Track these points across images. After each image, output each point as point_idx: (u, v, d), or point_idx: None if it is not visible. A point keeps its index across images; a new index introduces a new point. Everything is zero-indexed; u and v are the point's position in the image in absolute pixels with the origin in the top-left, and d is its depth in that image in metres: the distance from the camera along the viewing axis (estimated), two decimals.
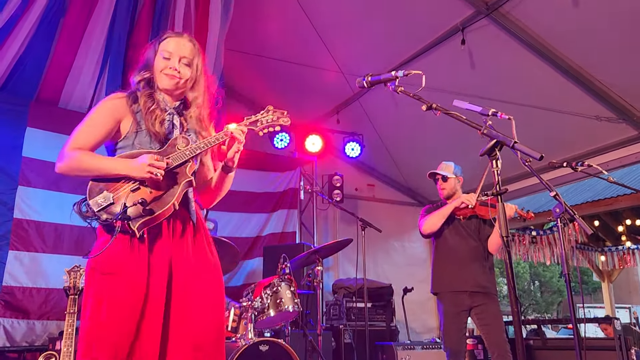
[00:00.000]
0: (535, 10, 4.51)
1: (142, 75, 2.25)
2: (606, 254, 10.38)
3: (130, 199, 1.98)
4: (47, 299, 4.71)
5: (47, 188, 4.84)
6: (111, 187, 2.03)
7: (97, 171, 2.05)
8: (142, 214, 1.97)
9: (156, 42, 2.29)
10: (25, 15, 4.56)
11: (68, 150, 2.07)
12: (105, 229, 2.01)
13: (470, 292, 3.85)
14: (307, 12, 5.34)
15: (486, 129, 1.97)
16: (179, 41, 2.27)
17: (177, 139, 2.16)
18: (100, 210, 1.97)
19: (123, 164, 2.04)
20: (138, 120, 2.15)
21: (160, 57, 2.22)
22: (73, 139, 2.11)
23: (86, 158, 2.07)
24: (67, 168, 2.07)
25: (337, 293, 6.30)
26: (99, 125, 2.15)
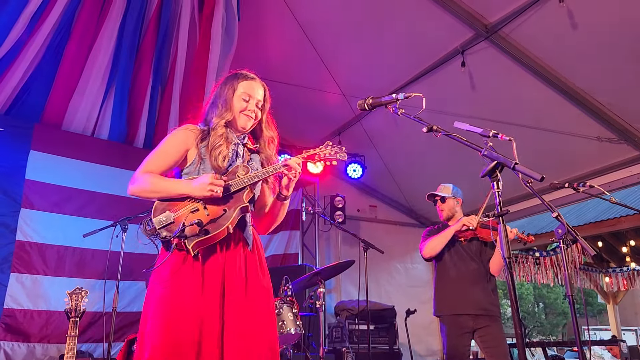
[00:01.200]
0: (534, 33, 4.57)
1: (223, 116, 2.37)
2: (611, 275, 10.30)
3: (188, 220, 2.12)
4: (48, 322, 4.68)
5: (49, 210, 4.85)
6: (173, 207, 2.19)
7: (164, 192, 2.21)
8: (197, 234, 2.10)
9: (232, 81, 2.45)
10: (31, 40, 4.63)
11: (140, 173, 2.24)
12: (165, 245, 2.18)
13: (473, 315, 3.82)
14: (309, 36, 5.41)
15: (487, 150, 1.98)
16: (255, 85, 2.48)
17: (238, 167, 2.32)
18: (161, 228, 2.13)
19: (185, 185, 2.21)
20: (202, 155, 2.30)
21: (240, 98, 2.40)
22: (146, 164, 2.28)
23: (155, 180, 2.23)
24: (138, 189, 2.22)
25: (339, 315, 6.25)
26: (169, 153, 2.32)
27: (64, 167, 4.96)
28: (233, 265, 2.20)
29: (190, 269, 2.12)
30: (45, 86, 5.03)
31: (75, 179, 5.01)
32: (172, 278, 2.11)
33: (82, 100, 5.16)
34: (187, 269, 2.13)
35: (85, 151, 5.13)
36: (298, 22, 5.29)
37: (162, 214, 2.16)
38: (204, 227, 2.12)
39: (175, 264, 2.13)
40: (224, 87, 2.45)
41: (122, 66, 5.19)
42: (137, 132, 5.58)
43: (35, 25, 4.56)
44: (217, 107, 2.40)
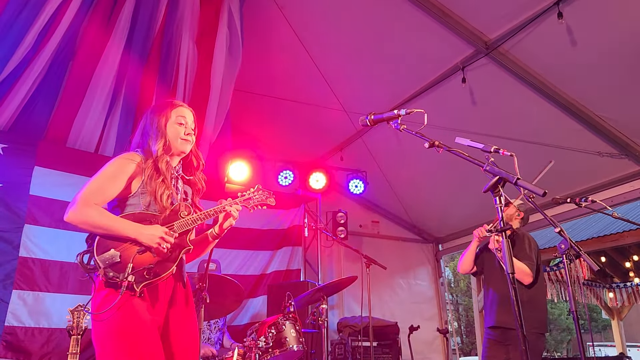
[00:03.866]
0: (534, 49, 4.61)
1: (160, 143, 2.40)
2: (614, 291, 10.23)
3: (136, 261, 2.16)
4: (49, 339, 4.64)
5: (53, 226, 4.85)
6: (118, 246, 2.19)
7: (107, 230, 2.19)
8: (146, 277, 2.17)
9: (165, 109, 2.49)
10: (36, 57, 4.68)
11: (81, 204, 2.19)
12: (106, 284, 2.14)
13: (503, 329, 3.85)
14: (311, 53, 5.47)
15: (489, 165, 2.00)
16: (187, 110, 2.53)
17: (181, 207, 2.38)
18: (106, 267, 2.12)
19: (134, 229, 2.21)
20: (146, 188, 2.32)
21: (175, 123, 2.45)
22: (87, 193, 2.23)
23: (98, 216, 2.20)
24: (77, 220, 2.19)
25: (342, 332, 6.21)
26: (113, 183, 2.30)
27: (69, 183, 4.97)
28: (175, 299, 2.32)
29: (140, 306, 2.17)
30: (49, 103, 5.07)
31: None
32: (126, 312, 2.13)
33: (87, 117, 5.19)
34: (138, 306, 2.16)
35: (89, 167, 5.06)
36: (300, 40, 5.36)
37: (106, 251, 2.16)
38: (152, 270, 2.19)
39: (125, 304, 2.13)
40: (155, 116, 2.48)
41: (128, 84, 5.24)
42: None
43: (41, 43, 4.61)
44: (152, 135, 2.43)
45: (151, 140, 2.41)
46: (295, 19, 5.25)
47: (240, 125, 6.68)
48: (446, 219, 7.45)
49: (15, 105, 4.86)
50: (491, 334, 3.99)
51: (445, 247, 8.05)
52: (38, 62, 4.73)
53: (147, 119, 2.51)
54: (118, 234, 2.20)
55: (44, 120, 5.13)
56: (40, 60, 4.73)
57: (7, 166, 4.77)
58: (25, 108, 4.95)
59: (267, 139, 7.10)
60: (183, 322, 2.33)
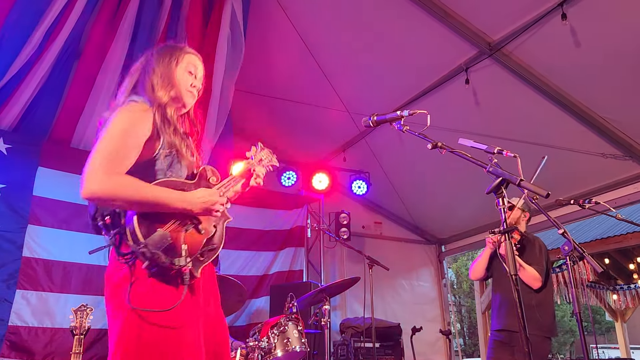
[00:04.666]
0: (537, 51, 4.60)
1: (169, 91, 2.01)
2: (618, 293, 10.20)
3: (188, 241, 1.79)
4: (52, 339, 4.65)
5: (56, 227, 4.87)
6: (164, 225, 1.77)
7: (150, 203, 1.75)
8: (201, 260, 1.83)
9: (175, 52, 2.10)
10: (41, 58, 4.70)
11: (104, 172, 1.73)
12: (153, 272, 1.74)
13: (509, 332, 3.86)
14: (314, 54, 5.47)
15: (492, 166, 1.99)
16: (198, 60, 2.16)
17: (207, 171, 2.05)
18: (159, 253, 1.70)
19: (182, 198, 1.81)
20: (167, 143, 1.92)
21: (185, 71, 2.08)
22: (106, 159, 1.76)
23: (133, 185, 1.74)
24: (106, 194, 1.72)
25: (344, 332, 6.21)
26: (133, 143, 1.84)
27: (72, 183, 4.97)
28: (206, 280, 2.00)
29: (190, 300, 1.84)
30: (53, 103, 5.08)
31: None
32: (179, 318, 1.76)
33: (91, 117, 5.21)
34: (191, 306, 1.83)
35: None
36: (303, 41, 5.36)
37: (152, 232, 1.73)
38: (206, 250, 1.87)
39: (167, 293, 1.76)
40: (164, 57, 2.07)
41: None
42: None
43: (46, 44, 4.63)
44: (158, 79, 2.01)
45: (157, 85, 1.99)
46: (299, 20, 5.26)
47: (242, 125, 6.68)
48: (449, 220, 7.44)
49: (20, 105, 4.87)
50: (498, 336, 4.00)
51: (448, 249, 8.05)
52: (43, 63, 4.74)
53: (152, 60, 2.07)
54: (167, 206, 1.77)
55: (48, 120, 5.14)
56: (45, 61, 4.74)
57: (10, 167, 4.78)
58: (29, 108, 4.97)
59: (270, 139, 7.06)
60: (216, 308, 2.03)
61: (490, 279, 4.32)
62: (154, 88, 1.99)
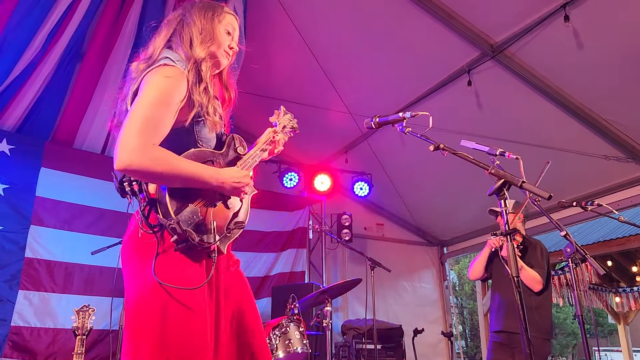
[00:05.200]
0: (540, 53, 4.60)
1: (208, 47, 1.92)
2: (621, 295, 10.17)
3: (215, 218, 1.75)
4: (54, 340, 4.67)
5: (59, 227, 4.88)
6: (194, 200, 1.73)
7: (185, 180, 1.69)
8: (228, 236, 1.79)
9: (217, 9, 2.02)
10: (44, 59, 4.71)
11: (141, 144, 1.61)
12: (184, 247, 1.68)
13: (508, 333, 3.86)
14: (316, 55, 5.47)
15: (494, 168, 1.99)
16: (236, 21, 2.08)
17: (235, 140, 1.98)
18: (190, 229, 1.65)
19: (217, 176, 1.76)
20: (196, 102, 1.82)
21: (224, 30, 2.00)
22: (144, 131, 1.63)
23: (173, 161, 1.67)
24: (142, 167, 1.60)
25: (346, 334, 6.21)
26: (167, 112, 1.72)
27: (75, 184, 5.00)
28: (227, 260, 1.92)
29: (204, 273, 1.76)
30: (56, 104, 5.10)
31: (85, 196, 5.05)
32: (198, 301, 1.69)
33: (94, 119, 5.23)
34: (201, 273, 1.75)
35: (95, 169, 5.16)
36: (305, 42, 5.36)
37: (184, 208, 1.67)
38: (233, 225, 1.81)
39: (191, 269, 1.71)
40: (205, 11, 1.98)
41: None
42: None
43: (49, 45, 4.64)
44: (195, 35, 1.92)
45: (196, 38, 1.90)
46: (301, 21, 5.26)
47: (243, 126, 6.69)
48: (451, 222, 7.44)
49: (23, 107, 4.90)
50: (497, 337, 4.01)
51: (450, 250, 8.04)
52: (46, 65, 4.76)
53: (193, 12, 1.98)
54: (198, 181, 1.71)
55: (51, 121, 5.16)
56: (49, 63, 4.76)
57: (14, 167, 4.81)
58: (32, 110, 4.99)
59: None
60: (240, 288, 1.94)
61: (490, 279, 4.33)
62: (193, 42, 1.90)
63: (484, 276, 4.28)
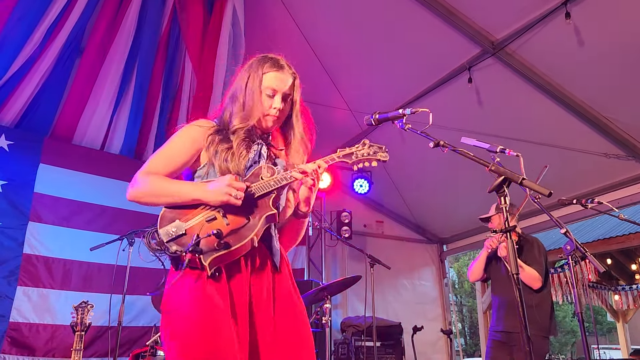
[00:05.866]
0: (541, 50, 4.58)
1: (244, 122, 1.98)
2: (620, 293, 10.18)
3: (204, 230, 1.75)
4: (53, 336, 4.67)
5: (57, 224, 4.87)
6: (184, 216, 1.80)
7: (170, 197, 1.83)
8: (215, 248, 1.72)
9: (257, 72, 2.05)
10: (43, 55, 4.70)
11: (141, 174, 1.86)
12: (174, 263, 1.78)
13: (507, 332, 3.88)
14: (316, 52, 5.45)
15: (494, 165, 1.98)
16: (282, 77, 2.09)
17: (262, 169, 1.94)
18: (169, 241, 1.73)
19: (198, 188, 1.83)
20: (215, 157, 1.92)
21: (264, 95, 2.01)
22: (149, 164, 1.90)
23: (160, 182, 1.85)
24: (138, 193, 1.84)
25: (345, 331, 6.20)
26: (178, 152, 1.94)
27: (73, 180, 4.98)
28: (260, 286, 1.85)
29: (214, 291, 1.73)
30: (55, 100, 5.09)
31: (84, 193, 5.04)
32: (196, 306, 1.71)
33: (93, 115, 5.21)
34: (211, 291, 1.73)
35: (94, 165, 5.16)
36: (306, 39, 5.34)
37: (170, 223, 1.77)
38: (224, 239, 1.74)
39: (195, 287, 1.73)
40: (252, 80, 2.03)
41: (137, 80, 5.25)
42: (146, 146, 5.62)
43: (48, 40, 4.63)
44: (238, 104, 2.01)
45: (234, 111, 2.01)
46: (301, 18, 5.24)
47: None
48: (451, 219, 7.43)
49: (22, 102, 4.89)
50: (496, 336, 4.02)
51: (449, 248, 8.03)
52: (45, 60, 4.75)
53: (239, 80, 2.07)
54: (183, 199, 1.81)
55: (50, 117, 5.15)
56: (47, 58, 4.75)
57: (12, 163, 4.79)
58: (31, 105, 4.98)
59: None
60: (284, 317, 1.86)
61: (489, 280, 4.34)
62: (229, 112, 2.02)
63: (484, 277, 4.29)
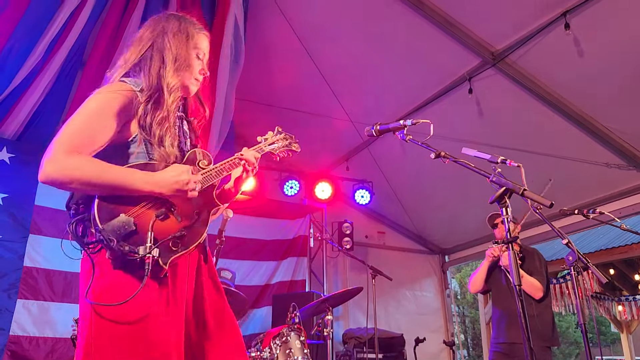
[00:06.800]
0: (541, 61, 4.60)
1: (182, 77, 1.83)
2: (623, 304, 10.11)
3: (157, 229, 1.60)
4: (53, 349, 4.64)
5: (57, 236, 4.85)
6: (129, 210, 1.59)
7: (111, 188, 1.57)
8: (173, 249, 1.61)
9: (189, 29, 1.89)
10: (45, 68, 4.72)
11: (61, 153, 1.56)
12: (116, 263, 1.58)
13: (509, 344, 3.86)
14: (317, 63, 5.47)
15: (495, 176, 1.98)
16: (207, 40, 1.98)
17: (197, 154, 1.85)
18: (120, 240, 1.54)
19: (149, 178, 1.61)
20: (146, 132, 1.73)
21: (195, 56, 1.89)
22: (71, 140, 1.59)
23: (91, 166, 1.57)
24: (61, 176, 1.55)
25: (347, 343, 6.17)
26: (104, 130, 1.65)
27: None
28: (196, 278, 1.80)
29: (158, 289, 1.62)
30: (57, 112, 5.09)
31: None
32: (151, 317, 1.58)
33: None
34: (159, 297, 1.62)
35: None
36: (306, 50, 5.36)
37: (114, 218, 1.55)
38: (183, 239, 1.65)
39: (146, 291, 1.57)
40: (179, 35, 1.85)
41: None
42: None
43: (50, 53, 4.65)
44: (168, 60, 1.80)
45: (169, 68, 1.79)
46: (302, 29, 5.27)
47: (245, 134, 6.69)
48: (452, 230, 7.41)
49: (24, 115, 4.90)
50: (498, 347, 4.01)
51: (451, 259, 8.00)
52: (47, 73, 4.76)
53: (166, 37, 1.84)
54: (127, 188, 1.58)
55: (51, 130, 5.15)
56: (50, 71, 4.77)
57: (13, 176, 4.80)
58: (33, 118, 4.99)
59: None
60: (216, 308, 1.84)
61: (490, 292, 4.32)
62: (164, 69, 1.78)
63: (485, 289, 4.27)
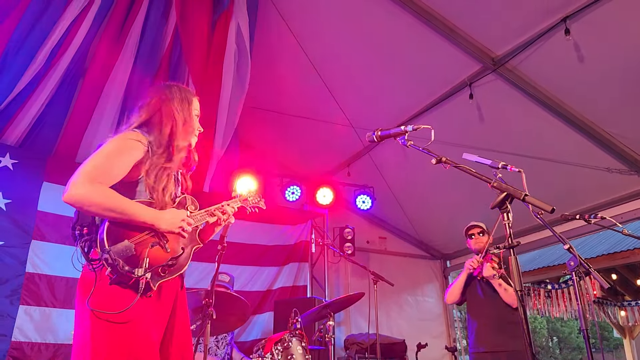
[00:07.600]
0: (541, 66, 4.61)
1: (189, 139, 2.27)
2: (626, 309, 10.07)
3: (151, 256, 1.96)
4: (55, 355, 4.63)
5: (60, 242, 4.87)
6: (131, 237, 1.94)
7: (121, 214, 1.91)
8: (161, 275, 1.98)
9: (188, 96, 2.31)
10: (47, 75, 4.75)
11: (87, 180, 1.90)
12: (115, 280, 1.90)
13: (491, 352, 3.80)
14: (319, 69, 5.49)
15: (496, 181, 1.98)
16: (197, 101, 2.37)
17: (187, 200, 2.24)
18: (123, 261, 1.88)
19: (151, 214, 1.99)
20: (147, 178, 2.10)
21: (195, 117, 2.30)
22: (95, 171, 1.94)
23: (111, 196, 1.91)
24: (84, 200, 1.88)
25: (349, 349, 6.15)
26: (120, 169, 2.02)
27: None
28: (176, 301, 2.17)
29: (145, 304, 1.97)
30: (59, 119, 5.13)
31: None
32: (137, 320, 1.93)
33: (96, 133, 5.24)
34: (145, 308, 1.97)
35: None
36: (308, 57, 5.39)
37: (119, 242, 1.90)
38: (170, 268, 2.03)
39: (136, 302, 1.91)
40: (184, 102, 2.26)
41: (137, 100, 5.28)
42: None
43: (52, 61, 4.68)
44: (178, 124, 2.19)
45: (179, 132, 2.19)
46: (303, 36, 5.29)
47: (247, 140, 6.71)
48: (454, 235, 7.38)
49: (27, 122, 4.93)
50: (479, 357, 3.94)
51: (453, 264, 7.98)
52: (49, 81, 4.80)
53: (172, 105, 2.22)
54: (134, 218, 1.93)
55: (53, 136, 5.18)
56: (52, 79, 4.80)
57: (16, 182, 4.81)
58: (35, 124, 5.02)
59: (274, 154, 7.12)
60: (183, 328, 2.18)
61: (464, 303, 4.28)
62: (174, 132, 2.17)
63: (460, 300, 4.24)
